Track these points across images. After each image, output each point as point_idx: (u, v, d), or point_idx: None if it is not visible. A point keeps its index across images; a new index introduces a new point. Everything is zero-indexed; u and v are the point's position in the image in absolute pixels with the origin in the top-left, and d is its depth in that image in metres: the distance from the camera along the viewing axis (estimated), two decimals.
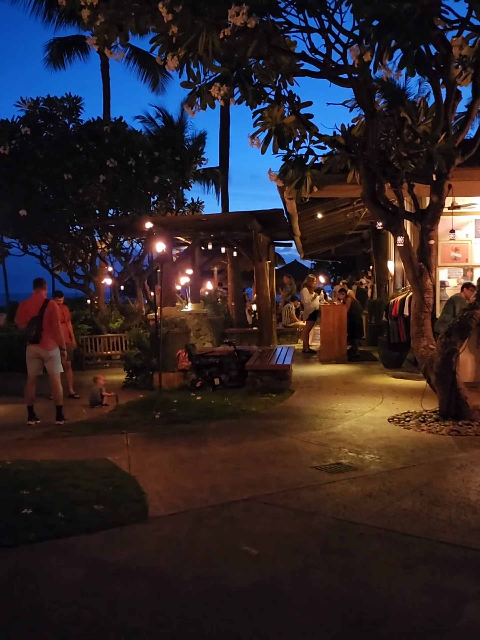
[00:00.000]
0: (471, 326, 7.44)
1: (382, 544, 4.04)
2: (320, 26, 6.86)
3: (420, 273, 7.75)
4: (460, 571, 3.62)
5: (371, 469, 5.64)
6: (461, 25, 6.27)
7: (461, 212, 10.93)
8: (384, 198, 7.93)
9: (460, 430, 6.90)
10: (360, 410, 8.23)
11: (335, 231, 18.99)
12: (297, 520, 4.48)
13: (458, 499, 4.80)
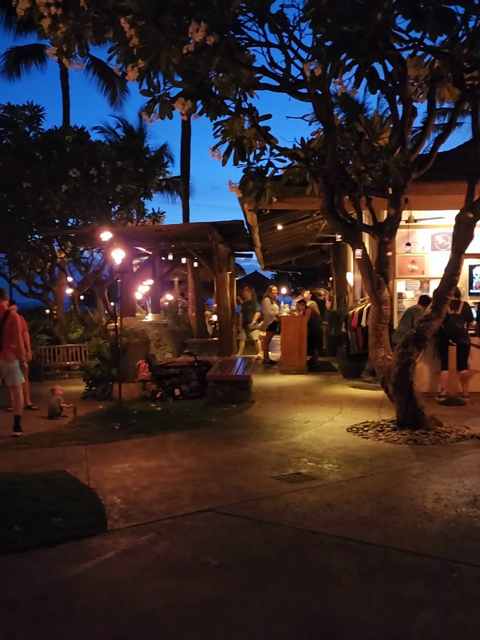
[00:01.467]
0: (427, 337, 7.60)
1: (341, 553, 4.08)
2: (280, 42, 6.97)
3: (378, 285, 7.88)
4: (416, 578, 3.69)
5: (330, 478, 5.70)
6: (415, 46, 6.44)
7: (418, 225, 11.16)
8: (342, 211, 8.05)
9: (417, 439, 7.03)
10: (320, 420, 8.30)
11: (296, 243, 19.15)
12: (257, 531, 4.50)
13: (414, 507, 4.88)
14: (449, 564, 3.85)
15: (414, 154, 7.62)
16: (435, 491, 5.24)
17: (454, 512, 4.75)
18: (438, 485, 5.39)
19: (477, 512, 4.74)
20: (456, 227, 7.41)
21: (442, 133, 7.91)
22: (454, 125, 7.96)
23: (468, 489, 5.28)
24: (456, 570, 3.77)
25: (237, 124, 7.43)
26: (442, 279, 7.59)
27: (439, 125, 12.07)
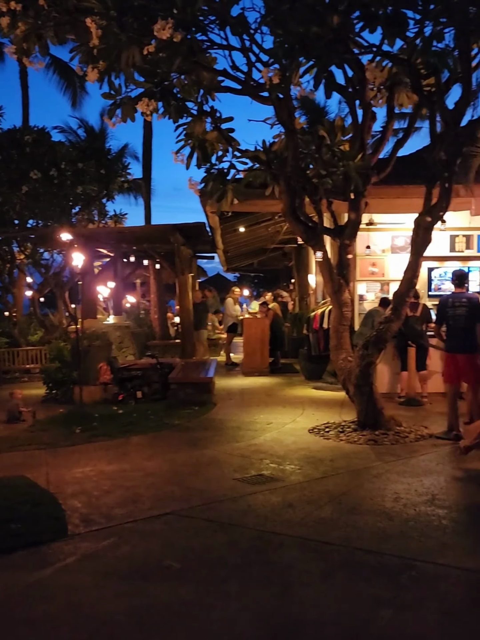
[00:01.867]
0: (387, 339, 7.70)
1: (302, 553, 4.12)
2: (242, 45, 7.01)
3: (339, 287, 7.96)
4: (376, 576, 3.74)
5: (292, 479, 5.73)
6: (374, 51, 6.54)
7: (378, 229, 11.30)
8: (303, 214, 8.12)
9: (377, 439, 7.12)
10: (282, 422, 8.35)
11: (258, 245, 19.22)
12: (219, 533, 4.51)
13: (374, 506, 4.95)
14: (407, 562, 3.92)
15: (373, 158, 7.73)
16: (394, 490, 5.32)
17: (412, 511, 4.82)
18: (397, 485, 5.47)
19: (435, 510, 4.83)
20: (415, 231, 7.53)
21: (401, 137, 8.04)
22: (412, 130, 8.11)
23: (426, 488, 5.37)
24: (415, 568, 3.83)
25: (199, 126, 7.43)
26: (401, 282, 7.71)
27: (398, 130, 12.23)
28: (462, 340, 7.24)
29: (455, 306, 7.33)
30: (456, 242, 11.61)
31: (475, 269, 11.70)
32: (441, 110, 7.08)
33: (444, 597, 3.49)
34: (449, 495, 5.23)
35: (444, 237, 11.23)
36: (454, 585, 3.67)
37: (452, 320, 7.35)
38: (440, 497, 5.16)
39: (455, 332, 7.32)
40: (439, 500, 5.06)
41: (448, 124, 7.01)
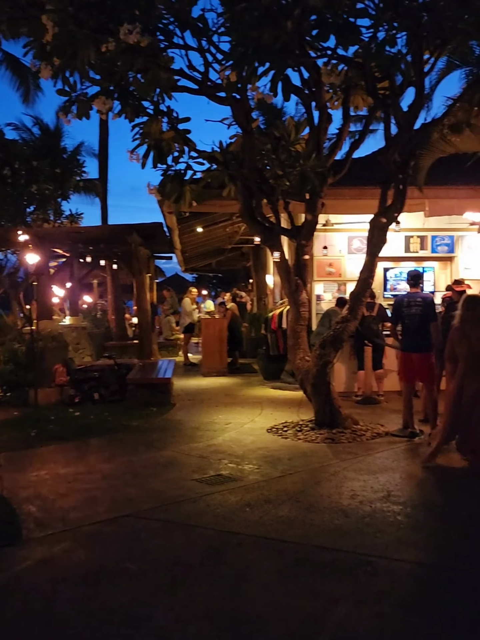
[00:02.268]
0: (344, 338, 7.79)
1: (260, 552, 4.13)
2: (199, 45, 7.00)
3: (296, 287, 8.02)
4: (333, 573, 3.78)
5: (250, 479, 5.75)
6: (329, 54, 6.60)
7: (334, 229, 11.42)
8: (261, 214, 8.15)
9: (334, 437, 7.19)
10: (241, 422, 8.36)
11: (216, 245, 19.22)
12: (177, 534, 4.49)
13: (331, 504, 5.00)
14: (363, 558, 3.97)
15: (329, 160, 7.80)
16: (351, 488, 5.38)
17: (368, 507, 4.89)
18: (354, 482, 5.54)
19: (390, 506, 4.90)
20: (370, 232, 7.63)
21: (357, 139, 8.14)
22: (367, 132, 8.21)
23: (382, 485, 5.45)
24: (370, 564, 3.88)
25: (156, 126, 7.39)
26: (358, 282, 7.80)
27: (354, 132, 12.37)
28: (417, 339, 7.36)
29: (410, 306, 7.45)
30: (411, 242, 11.82)
31: (430, 269, 11.94)
32: (395, 113, 7.20)
33: (399, 592, 3.54)
34: (404, 492, 5.32)
35: (399, 238, 11.42)
36: (409, 580, 3.73)
37: (407, 320, 7.47)
38: (396, 493, 5.24)
39: (411, 331, 7.44)
40: (394, 497, 5.14)
41: (402, 126, 7.13)
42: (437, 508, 5.00)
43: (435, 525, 4.65)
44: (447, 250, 11.86)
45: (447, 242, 11.84)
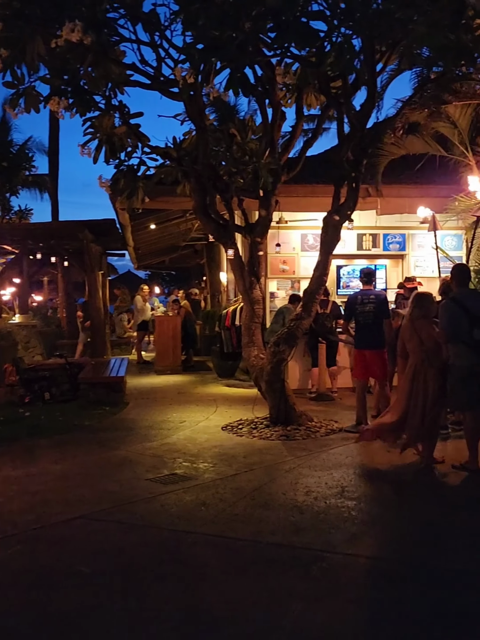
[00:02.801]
0: (298, 335, 7.82)
1: (215, 551, 4.11)
2: (151, 40, 6.92)
3: (250, 284, 8.02)
4: (289, 570, 3.79)
5: (205, 477, 5.72)
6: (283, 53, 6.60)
7: (288, 227, 11.46)
8: (215, 211, 8.12)
9: (289, 434, 7.22)
10: (195, 420, 8.32)
11: (169, 242, 19.08)
12: (132, 535, 4.43)
13: (286, 501, 5.01)
14: (318, 554, 3.99)
15: (283, 157, 7.83)
16: (306, 484, 5.40)
17: (323, 504, 4.92)
18: (309, 479, 5.56)
19: (345, 502, 4.94)
20: (324, 229, 7.68)
21: (310, 137, 8.19)
22: (321, 130, 8.26)
23: (336, 481, 5.49)
24: (325, 560, 3.90)
25: (107, 121, 7.29)
26: (311, 279, 7.84)
27: (307, 130, 12.45)
28: (370, 336, 7.44)
29: (364, 303, 7.53)
30: (363, 240, 11.94)
31: (382, 267, 12.09)
32: (348, 112, 7.25)
33: (354, 587, 3.58)
34: (358, 487, 5.37)
35: (351, 235, 11.53)
36: (364, 575, 3.77)
37: (361, 317, 7.54)
38: (350, 489, 5.28)
39: (364, 328, 7.52)
40: (348, 492, 5.19)
41: (355, 125, 7.19)
42: (390, 503, 5.07)
43: (389, 520, 4.70)
44: (399, 248, 12.03)
45: (398, 240, 12.01)
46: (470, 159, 9.22)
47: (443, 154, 9.52)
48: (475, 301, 5.79)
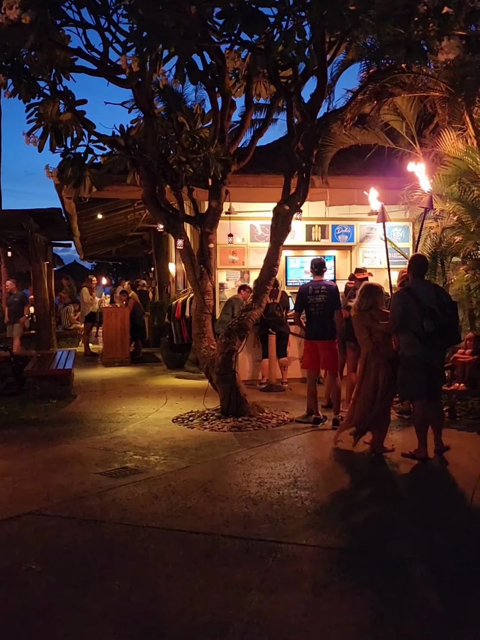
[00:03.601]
0: (249, 326, 7.81)
1: (169, 544, 4.06)
2: (97, 23, 6.75)
3: (201, 275, 7.96)
4: (243, 562, 3.77)
5: (157, 470, 5.65)
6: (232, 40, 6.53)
7: (238, 217, 11.42)
8: (164, 201, 8.02)
9: (241, 426, 7.21)
10: (145, 412, 8.23)
11: (116, 232, 18.78)
12: (83, 530, 4.33)
13: (240, 492, 4.99)
14: (273, 545, 3.98)
15: (233, 147, 7.77)
16: (259, 475, 5.40)
17: (277, 494, 4.92)
18: (261, 470, 5.56)
19: (298, 492, 4.96)
20: (274, 220, 7.67)
21: (260, 127, 8.17)
22: (270, 120, 8.24)
23: (289, 471, 5.50)
24: (280, 551, 3.90)
25: (52, 107, 7.08)
26: (261, 270, 7.83)
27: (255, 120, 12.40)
28: (321, 327, 7.46)
29: (315, 294, 7.55)
30: (312, 231, 12.01)
31: (330, 257, 12.17)
32: (298, 102, 7.24)
33: (310, 577, 3.58)
34: (310, 477, 5.40)
35: (300, 226, 11.57)
36: (317, 564, 3.78)
37: (312, 308, 7.56)
38: (302, 479, 5.31)
39: (315, 319, 7.54)
40: (301, 482, 5.21)
41: (305, 115, 7.18)
42: (342, 492, 5.11)
43: (342, 509, 4.73)
44: (347, 239, 12.14)
45: (347, 231, 12.12)
46: (417, 150, 9.35)
47: (391, 145, 9.61)
48: (428, 292, 5.87)
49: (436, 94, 8.69)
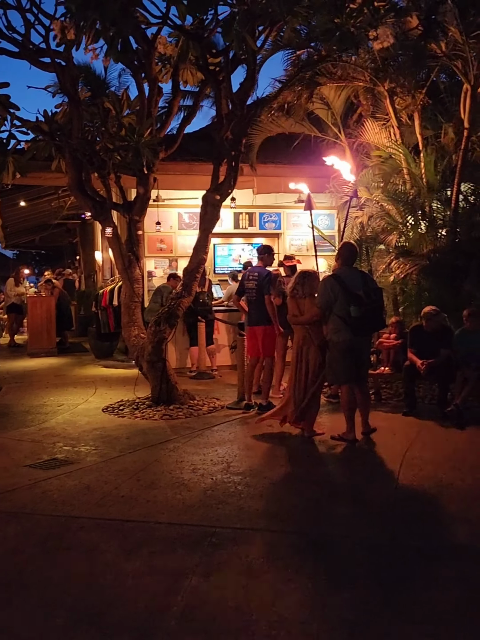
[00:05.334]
0: (179, 314, 7.79)
1: (103, 534, 4.04)
2: (18, 4, 6.57)
3: (130, 263, 7.88)
4: (178, 548, 3.80)
5: (88, 460, 5.60)
6: (161, 22, 6.47)
7: (166, 205, 11.36)
8: (91, 188, 7.89)
9: (172, 414, 7.21)
10: (74, 403, 8.10)
11: (40, 220, 18.31)
12: (13, 524, 4.25)
13: (173, 479, 5.01)
14: (208, 530, 4.03)
15: (161, 134, 7.71)
16: (191, 462, 5.43)
17: (210, 480, 4.97)
18: (194, 457, 5.59)
19: (231, 477, 5.02)
20: (203, 207, 7.66)
21: (188, 114, 8.12)
22: (198, 107, 8.22)
23: (221, 457, 5.56)
24: (215, 535, 3.95)
25: None
26: (191, 258, 7.82)
27: (184, 107, 12.33)
28: (256, 312, 7.49)
29: (249, 279, 7.59)
30: (240, 219, 12.08)
31: (257, 245, 12.25)
32: (227, 90, 7.24)
33: (245, 560, 3.64)
34: (243, 462, 5.47)
35: (228, 214, 11.62)
36: (252, 546, 3.84)
37: (247, 293, 7.59)
38: (235, 464, 5.37)
39: (250, 304, 7.59)
40: (234, 467, 5.27)
41: (235, 103, 7.19)
42: (274, 476, 5.18)
43: (275, 492, 4.82)
44: (275, 227, 12.29)
45: (274, 219, 12.26)
46: (342, 140, 9.53)
47: (317, 134, 9.76)
48: (354, 279, 6.01)
49: (360, 84, 8.87)
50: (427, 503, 4.57)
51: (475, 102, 7.93)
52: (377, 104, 8.98)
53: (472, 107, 7.92)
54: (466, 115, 7.96)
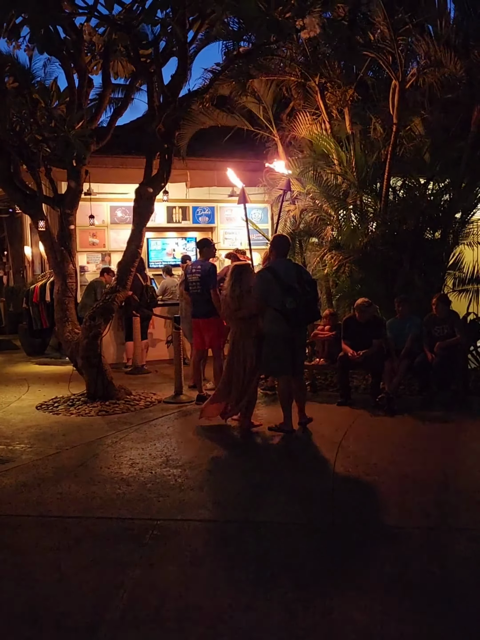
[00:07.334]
0: (114, 309, 7.71)
1: (43, 531, 3.99)
2: None
3: (62, 258, 7.75)
4: (120, 542, 3.79)
5: (23, 458, 5.48)
6: (89, 13, 6.36)
7: (98, 198, 11.18)
8: (20, 181, 7.70)
9: (108, 409, 7.14)
10: (6, 401, 7.90)
11: None
12: None
13: (112, 474, 4.97)
14: (149, 523, 4.02)
15: (92, 126, 7.59)
16: (130, 457, 5.40)
17: (149, 474, 4.95)
18: (132, 451, 5.56)
19: (170, 470, 5.02)
20: (137, 201, 7.59)
21: (119, 107, 8.03)
22: (130, 99, 8.12)
23: (160, 451, 5.55)
24: (156, 528, 3.95)
25: None
26: (125, 252, 7.74)
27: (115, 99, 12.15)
28: (199, 305, 7.47)
29: (192, 273, 7.55)
30: (173, 213, 12.03)
31: (192, 239, 12.27)
32: (159, 82, 7.20)
33: (186, 550, 3.66)
34: (182, 455, 5.48)
35: (161, 208, 11.54)
36: (194, 537, 3.87)
37: (190, 286, 7.55)
38: (174, 457, 5.38)
39: (194, 297, 7.57)
40: (173, 461, 5.28)
41: (167, 96, 7.15)
42: (213, 467, 5.23)
43: (214, 483, 4.85)
44: (208, 220, 12.29)
45: (207, 212, 12.27)
46: (274, 134, 9.61)
47: (250, 128, 9.80)
48: (289, 271, 6.08)
49: (292, 79, 8.96)
50: (363, 489, 4.70)
51: (403, 98, 8.15)
52: (308, 98, 9.09)
53: (400, 103, 8.13)
54: (394, 111, 8.17)
